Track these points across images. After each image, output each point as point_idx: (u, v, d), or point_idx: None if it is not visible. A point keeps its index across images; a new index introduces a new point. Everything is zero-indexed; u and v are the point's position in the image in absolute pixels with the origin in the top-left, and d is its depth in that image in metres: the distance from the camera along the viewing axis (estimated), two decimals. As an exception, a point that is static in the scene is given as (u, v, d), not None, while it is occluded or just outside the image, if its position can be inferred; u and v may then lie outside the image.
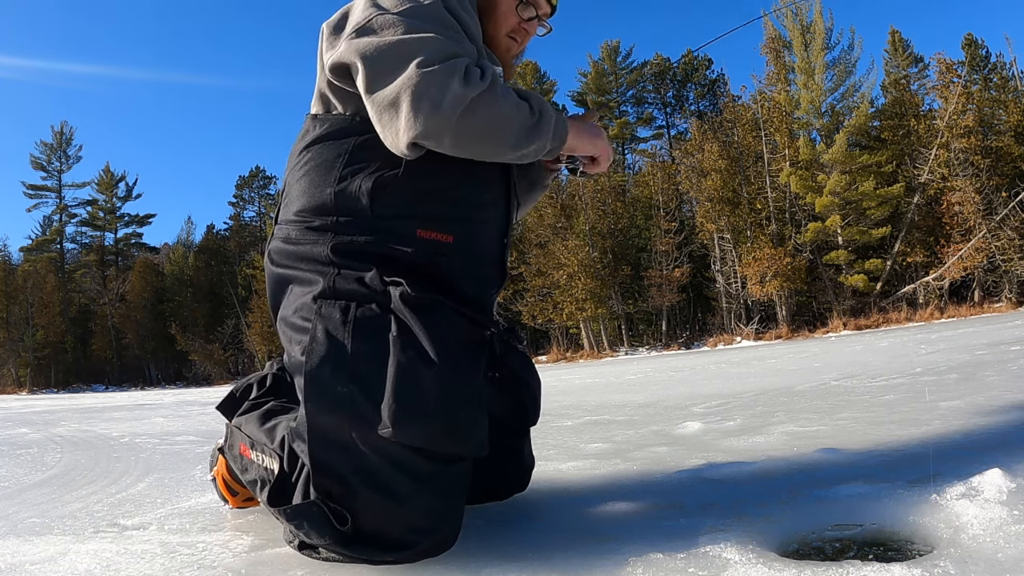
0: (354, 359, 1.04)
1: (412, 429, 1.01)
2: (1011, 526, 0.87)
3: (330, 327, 1.07)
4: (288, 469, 1.12)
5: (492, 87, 1.08)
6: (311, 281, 1.15)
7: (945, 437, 1.71)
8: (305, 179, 1.21)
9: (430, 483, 1.03)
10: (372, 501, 1.01)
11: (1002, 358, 4.06)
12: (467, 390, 1.07)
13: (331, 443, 1.02)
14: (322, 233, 1.17)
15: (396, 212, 1.17)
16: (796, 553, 0.94)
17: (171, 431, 4.09)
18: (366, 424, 1.01)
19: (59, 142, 41.37)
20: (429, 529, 1.03)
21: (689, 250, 24.49)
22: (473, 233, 1.25)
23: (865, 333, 16.26)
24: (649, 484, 1.50)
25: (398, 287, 1.10)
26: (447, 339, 1.07)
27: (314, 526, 1.02)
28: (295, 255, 1.19)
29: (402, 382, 1.01)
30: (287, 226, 1.23)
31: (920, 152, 21.01)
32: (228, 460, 1.40)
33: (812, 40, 22.16)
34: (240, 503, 1.49)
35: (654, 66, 33.91)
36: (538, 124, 1.14)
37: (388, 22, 1.11)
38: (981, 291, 20.24)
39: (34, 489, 2.12)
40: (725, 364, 8.25)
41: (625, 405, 3.78)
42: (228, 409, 1.45)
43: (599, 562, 0.97)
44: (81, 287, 40.61)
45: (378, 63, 1.08)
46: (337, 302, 1.09)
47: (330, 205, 1.17)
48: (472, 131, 1.07)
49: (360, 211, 1.16)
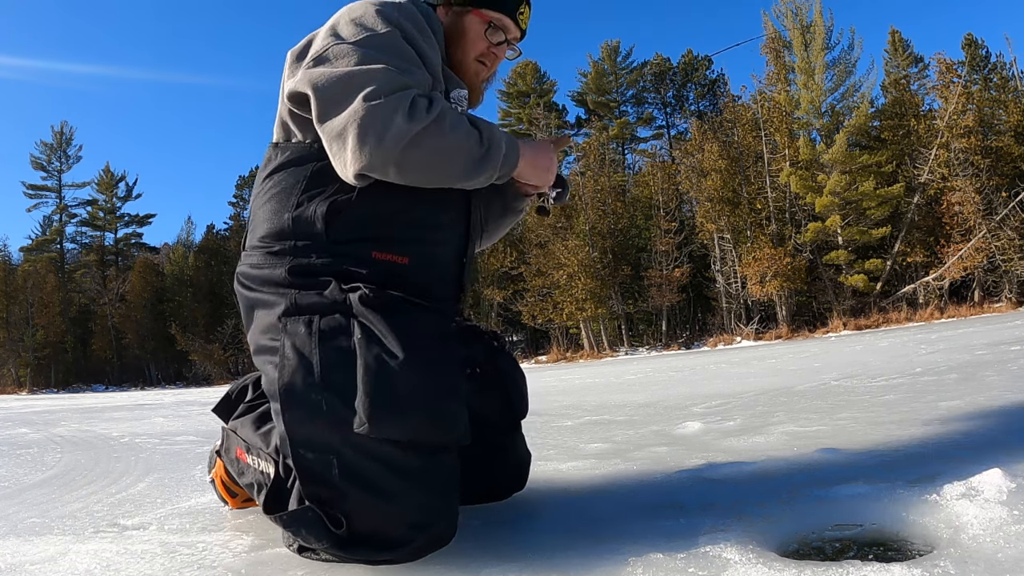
0: (324, 367, 1.06)
1: (388, 422, 1.02)
2: (1011, 526, 0.87)
3: (296, 341, 1.09)
4: (284, 475, 1.12)
5: (438, 120, 1.10)
6: (274, 303, 1.17)
7: (945, 437, 1.71)
8: (267, 206, 1.25)
9: (418, 477, 1.04)
10: (363, 502, 1.02)
11: (1002, 358, 4.06)
12: (438, 378, 1.08)
13: (314, 450, 1.04)
14: (281, 257, 1.20)
15: (351, 235, 1.20)
16: (796, 553, 0.94)
17: (171, 431, 4.09)
18: (345, 426, 1.02)
19: (59, 142, 41.37)
20: (423, 524, 1.04)
21: (689, 250, 24.49)
22: (429, 254, 1.27)
23: (865, 333, 16.26)
24: (649, 484, 1.50)
25: (356, 291, 1.13)
26: (411, 331, 1.09)
27: (311, 531, 1.03)
28: (259, 279, 1.22)
29: (371, 378, 1.03)
30: (251, 252, 1.27)
31: (920, 152, 21.01)
32: (225, 463, 1.40)
33: (812, 40, 22.16)
34: (240, 504, 1.50)
35: (654, 66, 33.92)
36: (486, 154, 1.16)
37: (342, 52, 1.14)
38: (981, 291, 20.24)
39: (34, 489, 2.12)
40: (725, 364, 8.25)
41: (625, 405, 3.78)
42: (224, 411, 1.45)
43: (599, 562, 0.97)
44: (81, 287, 40.59)
45: (328, 93, 1.11)
46: (300, 317, 1.12)
47: (288, 230, 1.20)
48: (416, 163, 1.10)
49: (316, 235, 1.19)
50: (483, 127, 1.18)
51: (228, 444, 1.37)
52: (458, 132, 1.13)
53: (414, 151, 1.08)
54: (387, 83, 1.09)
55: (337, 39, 1.16)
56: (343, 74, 1.11)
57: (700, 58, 34.01)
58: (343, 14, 1.22)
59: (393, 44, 1.17)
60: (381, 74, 1.10)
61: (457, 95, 1.37)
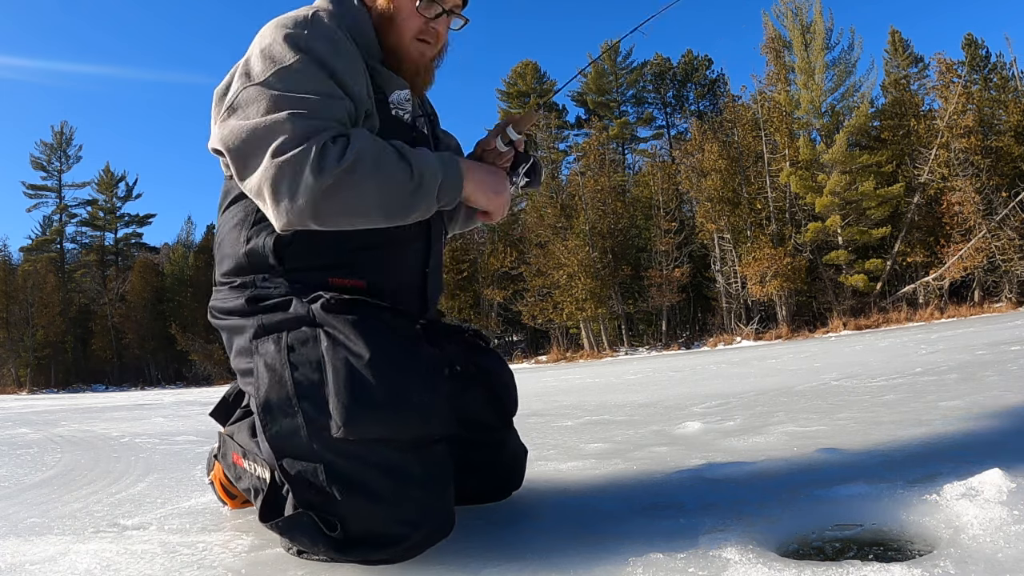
0: (296, 379, 1.07)
1: (362, 423, 1.02)
2: (1011, 526, 0.87)
3: (268, 359, 1.11)
4: (279, 481, 1.12)
5: (353, 166, 1.05)
6: (245, 327, 1.19)
7: (945, 437, 1.71)
8: (224, 241, 1.27)
9: (404, 474, 1.05)
10: (353, 503, 1.03)
11: (1002, 358, 4.06)
12: (406, 373, 1.08)
13: (300, 460, 1.05)
14: (242, 291, 1.22)
15: (304, 264, 1.20)
16: (796, 553, 0.94)
17: (171, 431, 4.09)
18: (325, 432, 1.03)
19: (59, 142, 41.37)
20: (416, 521, 1.04)
21: (689, 250, 24.49)
22: (385, 273, 1.27)
23: (865, 333, 16.26)
24: (649, 484, 1.50)
25: (318, 300, 1.13)
26: (375, 330, 1.09)
27: (307, 535, 1.04)
28: (226, 311, 1.24)
29: (340, 382, 1.03)
30: (219, 287, 1.29)
31: (920, 152, 21.01)
32: (223, 467, 1.40)
33: (812, 40, 22.16)
34: (239, 504, 1.50)
35: (654, 66, 33.91)
36: (418, 189, 1.12)
37: (250, 97, 1.09)
38: (981, 291, 20.24)
39: (34, 489, 2.12)
40: (725, 364, 8.25)
41: (625, 405, 3.78)
42: (221, 415, 1.46)
43: (599, 562, 0.97)
44: (81, 287, 40.61)
45: (239, 153, 1.08)
46: (269, 336, 1.13)
47: (245, 265, 1.22)
48: (335, 214, 1.07)
49: (270, 267, 1.20)
50: (414, 159, 1.12)
51: (225, 449, 1.36)
52: (379, 173, 1.07)
53: (329, 203, 1.05)
54: (293, 132, 1.04)
55: (247, 80, 1.12)
56: (250, 128, 1.06)
57: (700, 58, 34.02)
58: (255, 44, 1.17)
59: (303, 78, 1.11)
60: (285, 125, 1.05)
61: (398, 98, 1.30)
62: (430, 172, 1.13)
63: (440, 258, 1.45)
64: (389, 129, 1.24)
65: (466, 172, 1.21)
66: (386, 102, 1.28)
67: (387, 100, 1.28)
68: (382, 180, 1.08)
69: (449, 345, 1.35)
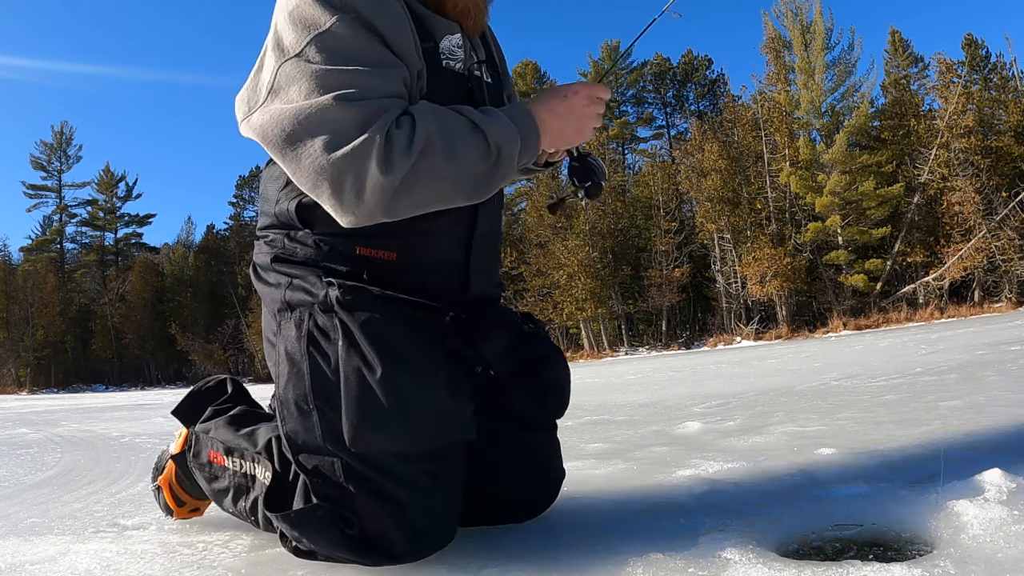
0: (312, 377, 1.02)
1: (371, 441, 0.99)
2: (1011, 526, 0.87)
3: (289, 346, 1.06)
4: (283, 471, 1.10)
5: (425, 154, 0.93)
6: (272, 296, 1.14)
7: (945, 437, 1.71)
8: (262, 197, 1.22)
9: (415, 483, 1.02)
10: (368, 505, 1.00)
11: (1002, 358, 4.06)
12: (422, 385, 1.01)
13: (316, 455, 1.02)
14: (272, 247, 1.17)
15: (333, 230, 1.07)
16: (796, 553, 0.94)
17: (171, 431, 4.08)
18: (338, 437, 1.00)
19: (59, 142, 41.40)
20: (426, 530, 1.02)
21: (689, 250, 24.49)
22: (421, 245, 1.13)
23: (865, 333, 16.26)
24: (649, 484, 1.50)
25: (334, 289, 1.06)
26: (390, 337, 1.02)
27: (320, 530, 1.00)
28: (262, 267, 1.19)
29: (352, 396, 0.99)
30: (257, 240, 1.24)
31: (920, 152, 21.02)
32: (191, 469, 1.31)
33: (812, 40, 22.17)
34: (186, 514, 1.42)
35: (654, 66, 33.91)
36: (498, 162, 1.00)
37: (289, 76, 0.96)
38: (981, 291, 20.24)
39: (34, 489, 2.12)
40: (725, 364, 8.25)
41: (625, 405, 3.78)
42: (187, 414, 1.38)
43: (599, 562, 0.96)
44: (81, 287, 40.64)
45: (283, 147, 0.95)
46: (292, 315, 1.08)
47: (275, 222, 1.17)
48: (411, 206, 0.97)
49: (298, 229, 1.14)
50: (488, 128, 0.98)
51: (197, 448, 1.29)
52: (454, 155, 0.96)
53: (403, 198, 0.94)
54: (349, 121, 0.92)
55: (280, 54, 0.98)
56: (293, 116, 0.94)
57: (700, 58, 34.02)
58: (279, 7, 1.02)
59: (346, 44, 0.96)
60: (337, 110, 0.92)
61: (448, 45, 1.13)
62: (508, 138, 1.00)
63: (494, 223, 1.26)
64: (442, 85, 1.09)
65: (541, 124, 1.06)
66: (436, 51, 1.11)
67: (437, 49, 1.11)
68: (459, 163, 0.96)
69: (489, 336, 1.21)
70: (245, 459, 1.18)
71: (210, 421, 1.31)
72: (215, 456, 1.24)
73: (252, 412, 1.32)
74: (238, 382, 1.45)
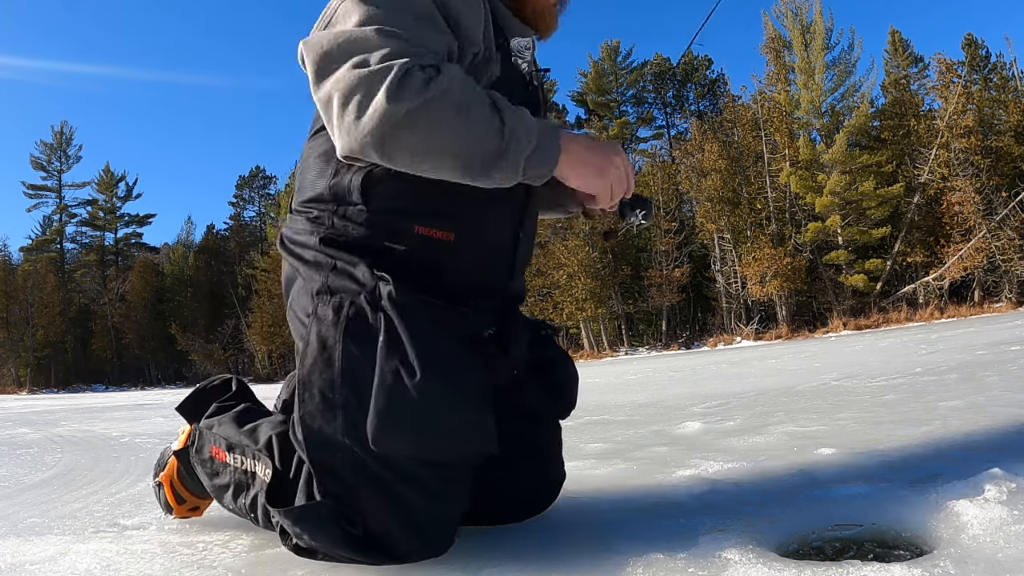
0: (344, 364, 1.00)
1: (394, 444, 0.97)
2: (1011, 526, 0.87)
3: (323, 329, 1.03)
4: (283, 468, 1.09)
5: (437, 99, 0.91)
6: (310, 276, 1.12)
7: (945, 437, 1.71)
8: (309, 169, 1.18)
9: (427, 487, 1.01)
10: (375, 503, 0.99)
11: (1002, 358, 4.06)
12: (455, 399, 1.00)
13: (328, 447, 1.00)
14: (317, 224, 1.14)
15: (393, 207, 1.09)
16: (796, 553, 0.94)
17: (171, 431, 4.09)
18: (358, 430, 0.98)
19: (59, 142, 41.41)
20: (431, 530, 1.02)
21: (689, 250, 24.50)
22: (479, 229, 1.14)
23: (865, 333, 16.26)
24: (649, 484, 1.50)
25: (387, 284, 1.04)
26: (434, 344, 1.01)
27: (322, 528, 0.99)
28: (299, 244, 1.16)
29: (384, 395, 0.97)
30: (295, 216, 1.20)
31: (920, 152, 21.02)
32: (193, 465, 1.31)
33: (812, 40, 22.17)
34: (185, 512, 1.41)
35: (654, 66, 33.91)
36: (504, 150, 0.96)
37: (346, 11, 1.01)
38: (981, 291, 20.24)
39: (34, 489, 2.12)
40: (725, 364, 8.25)
41: (625, 405, 3.78)
42: (191, 411, 1.37)
43: (599, 562, 0.96)
44: (81, 287, 40.66)
45: (318, 57, 0.97)
46: (331, 300, 1.05)
47: (327, 197, 1.13)
48: (402, 148, 0.93)
49: (354, 204, 1.10)
50: (508, 115, 0.97)
51: (200, 443, 1.29)
52: (462, 118, 0.93)
53: (397, 135, 0.91)
54: (380, 49, 0.94)
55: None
56: (335, 35, 0.97)
57: (700, 58, 34.03)
58: None
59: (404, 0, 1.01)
60: (376, 38, 0.95)
61: (518, 45, 1.17)
62: (523, 135, 0.97)
63: (534, 224, 1.29)
64: (507, 80, 1.11)
65: (565, 146, 1.02)
66: (507, 47, 1.14)
67: (508, 45, 1.14)
68: (464, 128, 0.94)
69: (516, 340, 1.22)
70: (246, 455, 1.17)
71: (214, 417, 1.31)
72: (217, 452, 1.24)
73: (255, 410, 1.31)
74: (243, 381, 1.45)
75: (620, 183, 1.11)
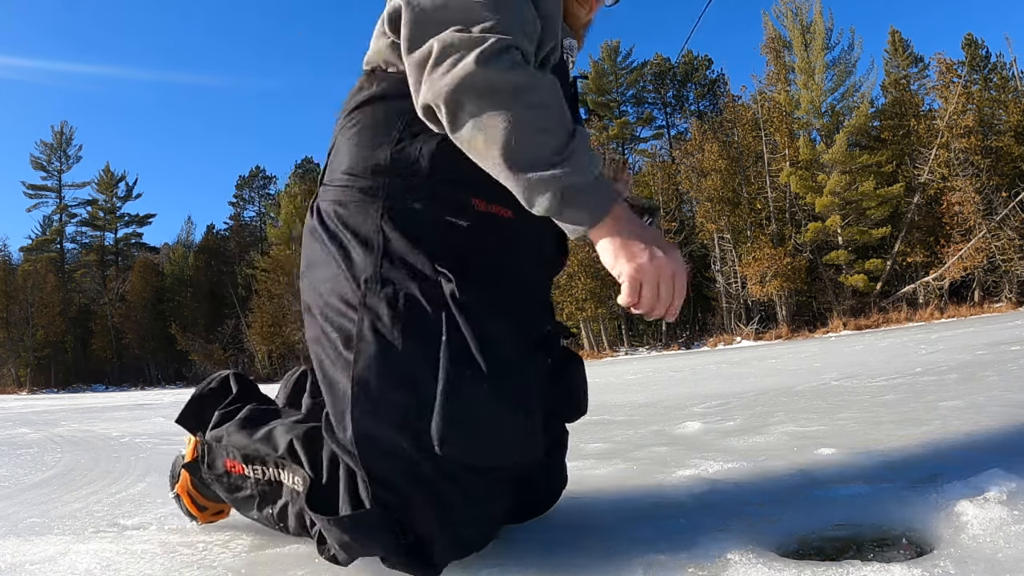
0: (403, 363, 0.95)
1: (461, 449, 0.93)
2: (1011, 526, 0.87)
3: (378, 324, 0.96)
4: (315, 474, 1.03)
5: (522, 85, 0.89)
6: (356, 260, 1.02)
7: (945, 437, 1.71)
8: (358, 137, 1.10)
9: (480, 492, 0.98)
10: (427, 509, 0.94)
11: (1002, 358, 4.06)
12: (520, 402, 0.98)
13: (383, 451, 0.94)
14: (373, 197, 1.05)
15: (456, 178, 1.03)
16: (796, 553, 0.94)
17: (171, 431, 4.09)
18: (418, 434, 0.93)
19: (59, 142, 41.42)
20: (472, 538, 1.00)
21: (689, 250, 24.49)
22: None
23: (865, 333, 16.26)
24: (649, 484, 1.50)
25: (448, 283, 0.99)
26: (500, 346, 0.97)
27: (374, 535, 0.94)
28: (343, 220, 1.06)
29: (451, 399, 0.92)
30: (335, 188, 1.10)
31: (920, 152, 21.03)
32: (208, 481, 1.24)
33: (812, 40, 22.18)
34: (209, 517, 1.37)
35: (654, 66, 33.91)
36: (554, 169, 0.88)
37: None
38: (981, 291, 20.25)
39: (34, 489, 2.12)
40: (725, 364, 8.25)
41: (625, 405, 3.78)
42: (192, 421, 1.31)
43: (599, 562, 0.96)
44: (81, 287, 40.66)
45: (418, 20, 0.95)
46: (383, 291, 0.98)
47: (385, 165, 1.06)
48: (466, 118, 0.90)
49: (418, 173, 1.04)
50: (580, 137, 0.91)
51: (211, 458, 1.21)
52: (539, 111, 0.89)
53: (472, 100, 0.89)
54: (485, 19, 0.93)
55: None
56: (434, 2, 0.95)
57: (700, 58, 34.04)
58: None
59: None
60: (483, 11, 0.93)
61: (569, 44, 1.20)
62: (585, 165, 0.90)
63: None
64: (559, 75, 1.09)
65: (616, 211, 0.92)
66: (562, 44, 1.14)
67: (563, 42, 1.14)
68: (536, 119, 0.89)
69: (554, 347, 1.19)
70: (267, 465, 1.11)
71: (220, 428, 1.23)
72: (232, 465, 1.17)
73: (261, 410, 1.25)
74: (242, 377, 1.38)
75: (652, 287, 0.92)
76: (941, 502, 1.01)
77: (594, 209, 0.90)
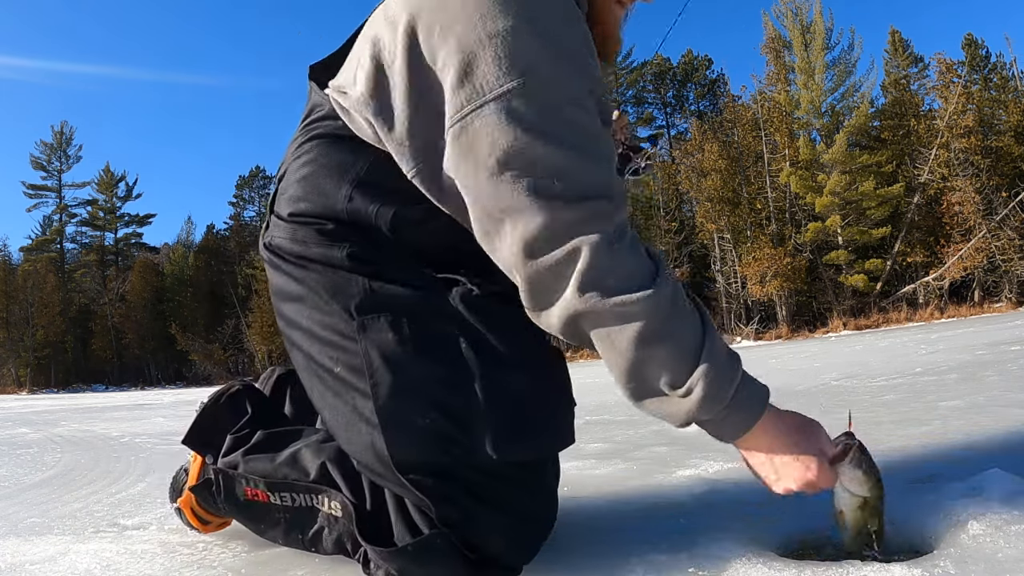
0: (427, 384, 0.89)
1: (515, 449, 0.90)
2: (1011, 526, 0.87)
3: (386, 350, 0.89)
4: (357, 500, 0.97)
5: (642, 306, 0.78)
6: (336, 289, 0.93)
7: (945, 437, 1.71)
8: (310, 178, 0.98)
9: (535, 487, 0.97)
10: (493, 521, 0.90)
11: (1002, 358, 4.06)
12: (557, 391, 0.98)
13: (430, 474, 0.89)
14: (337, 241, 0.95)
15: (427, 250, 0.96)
16: (796, 553, 0.94)
17: (171, 431, 4.09)
18: (458, 448, 0.88)
19: (59, 142, 41.44)
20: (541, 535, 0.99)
21: (689, 250, 24.51)
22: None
23: (865, 333, 16.26)
24: (649, 484, 1.50)
25: (458, 286, 0.93)
26: (526, 339, 0.93)
27: (440, 560, 0.89)
28: (306, 257, 0.97)
29: (491, 402, 0.88)
30: (293, 225, 0.99)
31: (920, 152, 21.04)
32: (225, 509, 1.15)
33: (812, 40, 22.19)
34: (214, 529, 1.30)
35: (654, 66, 33.92)
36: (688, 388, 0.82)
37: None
38: (981, 291, 20.25)
39: (34, 489, 2.12)
40: (725, 364, 8.23)
41: (625, 405, 3.77)
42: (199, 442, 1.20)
43: (600, 562, 0.96)
44: (81, 287, 40.69)
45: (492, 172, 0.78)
46: (382, 316, 0.90)
47: (344, 217, 0.95)
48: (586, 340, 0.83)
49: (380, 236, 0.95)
50: (707, 322, 0.83)
51: (229, 486, 1.11)
52: (677, 320, 0.80)
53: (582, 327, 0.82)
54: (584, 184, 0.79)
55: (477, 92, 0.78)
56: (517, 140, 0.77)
57: (700, 58, 34.05)
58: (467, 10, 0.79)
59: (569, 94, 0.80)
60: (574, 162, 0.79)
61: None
62: (725, 376, 0.83)
63: None
64: None
65: (767, 415, 0.85)
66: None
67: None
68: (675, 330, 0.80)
69: None
70: (297, 492, 1.03)
71: (234, 454, 1.13)
72: (255, 493, 1.08)
73: (278, 433, 1.15)
74: (252, 389, 1.28)
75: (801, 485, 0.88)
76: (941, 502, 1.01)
77: (738, 426, 0.86)
